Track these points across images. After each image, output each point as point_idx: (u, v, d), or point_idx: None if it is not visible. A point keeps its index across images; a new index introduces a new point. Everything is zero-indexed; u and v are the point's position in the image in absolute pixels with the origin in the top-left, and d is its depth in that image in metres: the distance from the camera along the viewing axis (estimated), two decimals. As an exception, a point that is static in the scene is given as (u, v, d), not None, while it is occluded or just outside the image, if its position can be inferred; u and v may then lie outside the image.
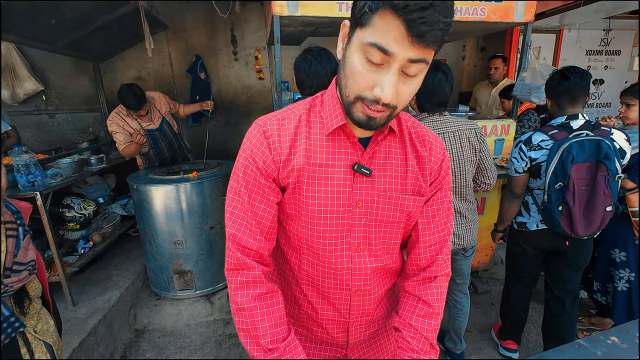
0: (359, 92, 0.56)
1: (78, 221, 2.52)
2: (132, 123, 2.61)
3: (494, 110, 3.37)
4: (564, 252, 1.65)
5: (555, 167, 1.46)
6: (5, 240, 0.86)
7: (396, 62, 0.52)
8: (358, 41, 0.54)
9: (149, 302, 2.47)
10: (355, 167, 0.67)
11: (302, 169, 0.67)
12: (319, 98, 0.72)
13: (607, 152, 1.39)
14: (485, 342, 2.14)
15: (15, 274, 0.84)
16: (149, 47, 2.58)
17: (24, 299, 0.90)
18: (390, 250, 0.76)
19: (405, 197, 0.71)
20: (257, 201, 0.68)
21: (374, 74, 0.54)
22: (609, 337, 0.93)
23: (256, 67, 4.04)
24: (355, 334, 0.81)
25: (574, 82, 1.47)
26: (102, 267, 2.62)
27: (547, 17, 3.35)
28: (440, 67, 1.45)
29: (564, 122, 1.51)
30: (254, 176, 0.67)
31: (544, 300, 1.85)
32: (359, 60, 0.55)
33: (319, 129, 0.68)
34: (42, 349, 0.92)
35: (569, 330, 1.74)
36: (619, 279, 1.95)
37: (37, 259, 0.97)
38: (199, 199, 2.30)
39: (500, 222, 1.82)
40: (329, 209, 0.68)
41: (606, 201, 1.42)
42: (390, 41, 0.50)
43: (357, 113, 0.59)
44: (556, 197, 1.49)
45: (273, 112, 0.72)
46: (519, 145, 1.61)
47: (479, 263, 2.72)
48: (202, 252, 2.38)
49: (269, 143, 0.67)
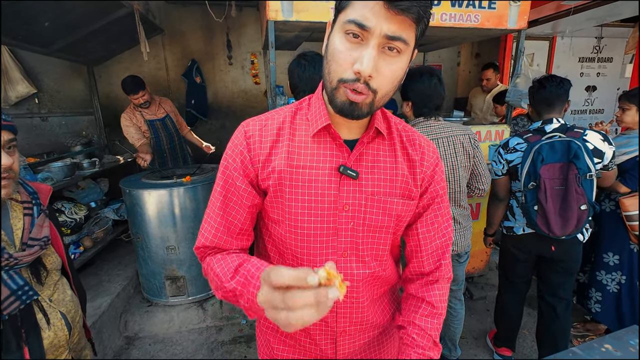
0: (341, 73, 0.57)
1: (69, 226, 2.48)
2: (137, 115, 2.80)
3: (487, 116, 3.41)
4: (551, 257, 1.67)
5: (528, 168, 1.53)
6: (23, 218, 0.98)
7: (374, 38, 0.53)
8: (339, 24, 0.57)
9: (140, 308, 2.43)
10: (341, 169, 0.65)
11: (284, 171, 0.66)
12: (306, 101, 0.72)
13: (577, 152, 1.44)
14: (481, 348, 2.13)
15: (29, 247, 0.95)
16: (145, 50, 2.57)
17: (41, 270, 1.00)
18: (378, 257, 0.73)
19: (394, 200, 0.69)
20: (231, 201, 0.68)
21: (353, 51, 0.55)
22: (603, 344, 0.92)
23: (252, 72, 4.05)
24: (344, 344, 0.77)
25: (550, 90, 1.56)
26: (93, 273, 2.58)
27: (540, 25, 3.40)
28: (435, 73, 1.50)
29: (539, 127, 1.60)
30: (231, 177, 0.68)
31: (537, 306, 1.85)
32: (339, 40, 0.57)
33: (304, 130, 0.68)
34: (57, 316, 1.02)
35: (563, 336, 1.73)
36: (611, 281, 1.97)
37: (54, 235, 1.08)
38: (193, 204, 2.27)
39: (489, 226, 1.86)
40: (313, 212, 0.67)
41: (579, 200, 1.46)
42: (367, 14, 0.52)
43: (340, 98, 0.59)
44: (531, 197, 1.55)
45: (260, 115, 0.72)
46: (498, 149, 1.70)
47: (474, 269, 2.71)
48: (195, 258, 2.34)
49: (248, 143, 0.67)
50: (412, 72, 1.49)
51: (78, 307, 1.13)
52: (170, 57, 3.82)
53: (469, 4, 2.01)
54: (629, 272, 1.91)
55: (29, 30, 2.40)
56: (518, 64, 2.31)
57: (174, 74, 3.87)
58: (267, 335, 0.83)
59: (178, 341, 2.23)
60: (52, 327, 0.99)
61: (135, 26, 2.50)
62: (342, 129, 0.68)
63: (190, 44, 3.83)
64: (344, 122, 0.67)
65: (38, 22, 2.30)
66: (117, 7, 2.42)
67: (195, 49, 3.85)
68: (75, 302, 1.11)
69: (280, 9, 1.83)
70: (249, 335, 2.26)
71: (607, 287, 1.98)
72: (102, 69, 3.63)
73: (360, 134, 0.69)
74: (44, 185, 1.10)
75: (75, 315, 1.09)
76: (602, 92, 4.46)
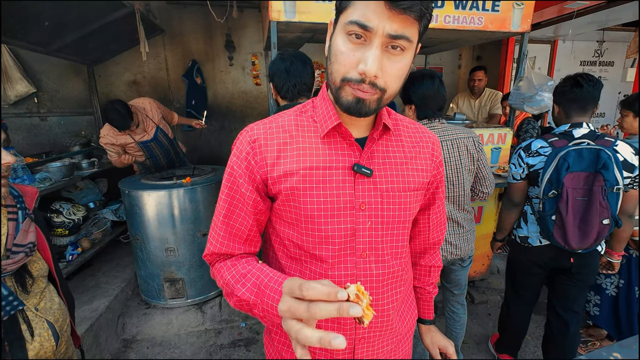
0: (345, 73, 0.56)
1: (67, 227, 2.45)
2: (122, 139, 2.51)
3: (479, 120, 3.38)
4: (569, 269, 1.57)
5: (551, 174, 1.42)
6: (7, 223, 0.92)
7: (377, 37, 0.53)
8: (340, 25, 0.56)
9: (138, 311, 2.40)
10: (355, 168, 0.64)
11: (296, 174, 0.64)
12: (310, 104, 0.71)
13: (606, 162, 1.33)
14: (482, 353, 2.11)
15: (13, 255, 0.89)
16: (144, 50, 2.55)
17: (26, 278, 0.95)
18: (397, 255, 0.72)
19: (408, 194, 0.70)
20: (237, 208, 0.67)
21: (357, 52, 0.54)
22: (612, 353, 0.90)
23: (253, 73, 4.03)
24: (363, 351, 0.73)
25: (587, 91, 1.42)
26: (91, 275, 2.55)
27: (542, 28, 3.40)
28: (436, 75, 1.50)
29: (566, 130, 1.46)
30: (236, 183, 0.67)
31: (545, 312, 1.81)
32: (342, 41, 0.56)
33: (313, 132, 0.67)
34: (43, 325, 0.97)
35: (572, 350, 1.66)
36: (610, 284, 1.97)
37: (41, 240, 1.02)
38: (192, 205, 2.25)
39: (499, 231, 1.78)
40: (330, 212, 0.65)
41: (603, 213, 1.36)
42: (369, 14, 0.52)
43: (346, 97, 0.58)
44: (550, 205, 1.45)
45: (262, 119, 0.71)
46: (518, 152, 1.58)
47: (475, 272, 2.69)
48: (195, 260, 2.33)
49: (253, 148, 0.65)
50: (414, 75, 1.48)
51: (66, 315, 1.08)
52: (170, 58, 3.81)
53: (473, 6, 2.00)
54: (627, 276, 1.92)
55: (29, 30, 2.38)
56: (521, 67, 2.30)
57: (174, 74, 3.85)
58: (278, 346, 0.78)
59: (176, 344, 2.20)
60: (37, 338, 0.95)
61: (136, 26, 2.49)
62: (350, 128, 0.67)
63: (191, 45, 3.82)
64: (350, 121, 0.66)
65: (38, 21, 2.28)
66: (118, 7, 2.40)
67: (195, 49, 3.83)
68: (63, 309, 1.06)
69: (283, 10, 1.81)
70: (248, 339, 2.24)
71: (607, 291, 1.98)
72: (101, 69, 3.61)
73: (367, 131, 0.69)
74: (29, 188, 1.04)
75: (63, 323, 1.05)
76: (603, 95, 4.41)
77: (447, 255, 1.57)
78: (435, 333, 0.91)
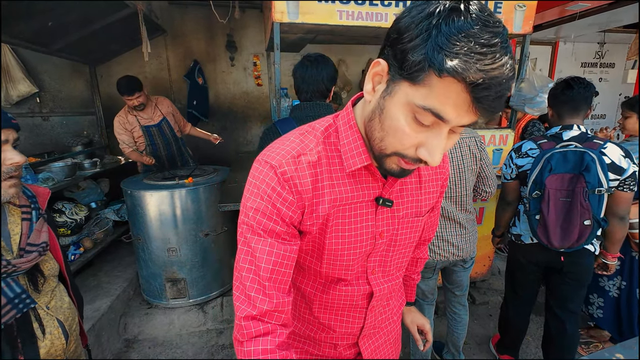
0: (401, 150, 0.51)
1: (69, 226, 2.46)
2: (131, 119, 2.71)
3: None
4: (560, 268, 1.60)
5: (536, 176, 1.48)
6: (21, 222, 0.95)
7: (447, 126, 0.47)
8: (406, 98, 0.47)
9: (140, 310, 2.40)
10: (381, 202, 0.64)
11: (329, 214, 0.61)
12: (332, 127, 0.63)
13: (589, 164, 1.36)
14: (484, 354, 2.11)
15: (27, 254, 0.92)
16: (146, 50, 2.56)
17: (38, 277, 0.97)
18: (401, 268, 0.77)
19: (420, 218, 0.72)
20: (274, 247, 0.58)
21: (420, 134, 0.49)
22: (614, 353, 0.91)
23: (254, 73, 4.04)
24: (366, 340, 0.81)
25: (577, 92, 1.46)
26: (93, 274, 2.55)
27: (544, 30, 3.41)
28: None
29: (557, 133, 1.50)
30: (274, 225, 0.58)
31: (543, 313, 1.82)
32: (404, 119, 0.49)
33: (339, 165, 0.61)
34: (54, 324, 0.99)
35: (571, 350, 1.67)
36: (612, 286, 1.97)
37: (53, 240, 1.05)
38: (194, 205, 2.25)
39: (496, 227, 1.84)
40: (353, 245, 0.65)
41: (584, 214, 1.39)
42: (449, 109, 0.44)
43: (390, 165, 0.55)
44: (534, 205, 1.51)
45: (280, 146, 0.61)
46: (510, 153, 1.65)
47: (476, 273, 2.69)
48: (196, 260, 2.33)
49: (290, 186, 0.58)
50: None
51: (75, 314, 1.10)
52: (172, 58, 3.81)
53: (475, 7, 2.00)
54: (628, 277, 1.92)
55: (31, 29, 2.38)
56: (522, 69, 2.31)
57: (176, 74, 3.86)
58: None
59: (178, 344, 2.20)
60: (48, 336, 0.96)
61: (138, 26, 2.50)
62: None
63: (193, 45, 3.83)
64: None
65: (41, 21, 2.29)
66: (120, 7, 2.41)
67: (197, 50, 3.84)
68: (72, 309, 1.08)
69: (286, 11, 1.82)
70: (250, 339, 2.24)
71: (609, 293, 1.99)
72: (104, 69, 3.62)
73: None
74: (42, 188, 1.07)
75: (72, 322, 1.06)
76: (604, 97, 4.47)
77: (449, 256, 1.57)
78: (415, 313, 0.99)
